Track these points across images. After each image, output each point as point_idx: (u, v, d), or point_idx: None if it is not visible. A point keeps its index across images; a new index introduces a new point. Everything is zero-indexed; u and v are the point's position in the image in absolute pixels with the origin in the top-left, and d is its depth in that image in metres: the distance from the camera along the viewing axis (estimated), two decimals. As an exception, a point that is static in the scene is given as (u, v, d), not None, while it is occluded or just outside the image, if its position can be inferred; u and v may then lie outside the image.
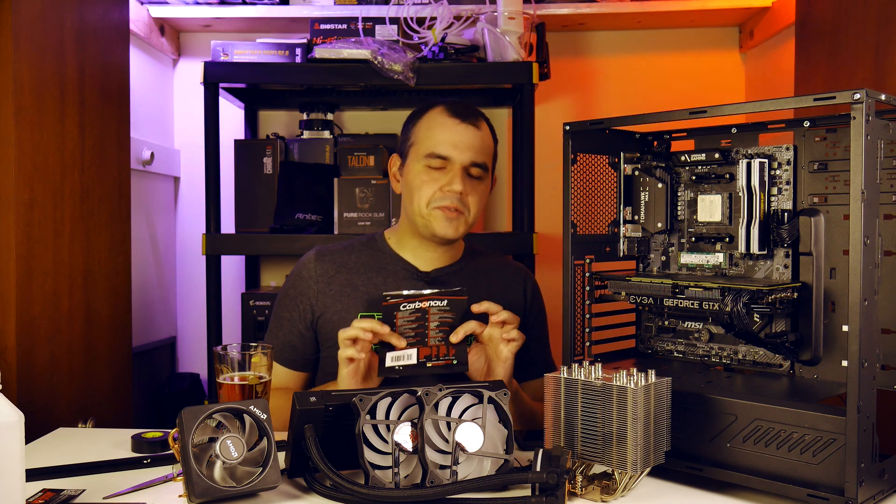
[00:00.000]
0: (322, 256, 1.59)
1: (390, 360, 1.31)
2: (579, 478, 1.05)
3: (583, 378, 1.04)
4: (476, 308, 1.35)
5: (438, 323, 1.34)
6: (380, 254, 1.59)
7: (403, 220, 1.59)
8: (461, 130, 1.50)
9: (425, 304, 1.34)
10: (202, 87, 2.05)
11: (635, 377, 1.00)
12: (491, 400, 1.08)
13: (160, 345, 2.49)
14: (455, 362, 1.33)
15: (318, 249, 1.61)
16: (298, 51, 2.14)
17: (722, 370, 1.26)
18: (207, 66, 2.04)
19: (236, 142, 2.30)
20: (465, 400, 1.08)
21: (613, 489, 1.03)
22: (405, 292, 1.35)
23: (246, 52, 2.14)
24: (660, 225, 1.31)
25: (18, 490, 0.88)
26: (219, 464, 1.00)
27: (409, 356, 1.31)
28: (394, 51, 2.03)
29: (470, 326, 1.34)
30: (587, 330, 1.29)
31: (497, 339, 1.36)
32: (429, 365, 1.32)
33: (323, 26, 2.18)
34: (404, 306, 1.33)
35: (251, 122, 2.56)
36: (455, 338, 1.33)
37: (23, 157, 1.50)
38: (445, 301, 1.34)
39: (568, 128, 1.24)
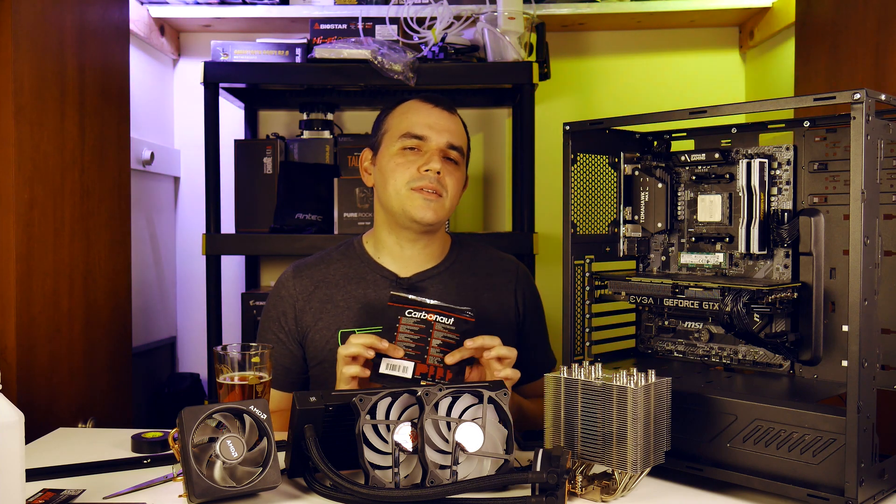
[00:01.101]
0: (300, 272, 1.55)
1: (385, 366, 1.28)
2: (579, 478, 1.05)
3: (583, 378, 1.04)
4: (470, 344, 1.28)
5: (441, 342, 1.29)
6: (357, 261, 1.54)
7: (379, 217, 1.54)
8: (436, 114, 1.49)
9: (431, 318, 1.30)
10: (202, 87, 2.05)
11: (635, 377, 1.00)
12: (491, 400, 1.08)
13: (160, 345, 2.49)
14: None
15: (295, 265, 1.57)
16: (298, 51, 2.14)
17: (722, 370, 1.27)
18: (207, 66, 2.05)
19: (236, 142, 2.31)
20: (465, 400, 1.08)
21: (613, 489, 1.03)
22: (411, 297, 1.31)
23: (246, 52, 2.14)
24: (660, 225, 1.31)
25: (18, 490, 0.89)
26: (219, 464, 1.00)
27: (406, 368, 1.28)
28: (394, 51, 2.03)
29: (466, 353, 1.28)
30: (587, 330, 1.29)
31: (493, 372, 1.29)
32: (422, 384, 1.26)
33: (323, 26, 2.18)
34: (410, 313, 1.30)
35: (251, 122, 2.56)
36: (451, 359, 1.28)
37: (23, 157, 1.50)
38: (452, 319, 1.30)
39: (568, 128, 1.24)
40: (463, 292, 1.51)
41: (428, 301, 1.31)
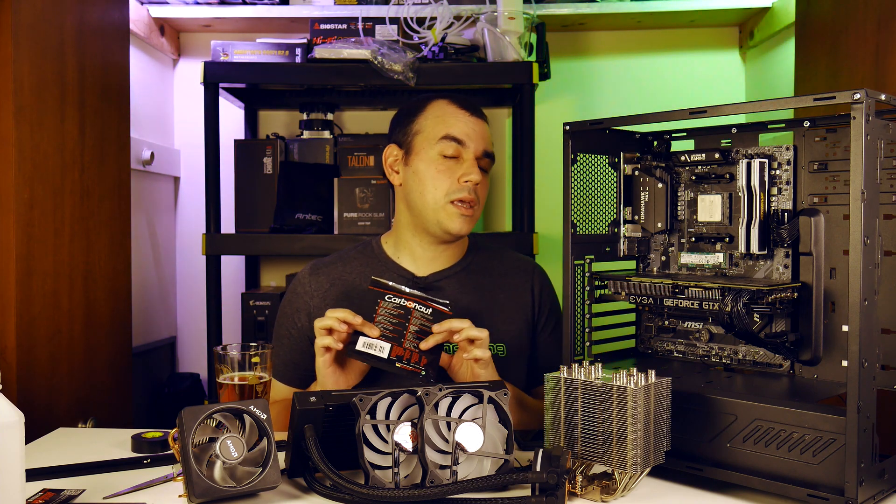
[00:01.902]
0: (317, 270, 1.57)
1: (361, 344, 1.30)
2: (579, 478, 1.05)
3: (583, 378, 1.04)
4: (437, 328, 1.29)
5: (418, 329, 1.31)
6: (375, 261, 1.56)
7: (402, 218, 1.54)
8: (472, 122, 1.50)
9: (410, 305, 1.32)
10: (202, 87, 2.05)
11: (635, 377, 1.00)
12: (491, 400, 1.08)
13: (160, 345, 2.49)
14: (423, 373, 1.30)
15: (313, 264, 1.59)
16: (298, 51, 2.14)
17: (722, 370, 1.27)
18: (207, 66, 2.05)
19: (236, 142, 2.30)
20: (465, 400, 1.08)
21: (613, 489, 1.03)
22: (391, 283, 1.34)
23: (246, 52, 2.14)
24: (660, 225, 1.31)
25: (18, 490, 0.89)
26: (219, 464, 1.00)
27: (382, 348, 1.30)
28: (394, 51, 2.03)
29: (440, 338, 1.30)
30: (587, 330, 1.29)
31: (463, 353, 1.32)
32: (397, 365, 1.29)
33: (323, 26, 2.18)
34: (389, 297, 1.32)
35: (251, 122, 2.56)
36: (424, 345, 1.30)
37: (23, 157, 1.50)
38: (430, 310, 1.32)
39: (568, 128, 1.24)
40: (478, 293, 1.53)
41: (406, 289, 1.33)
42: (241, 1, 2.34)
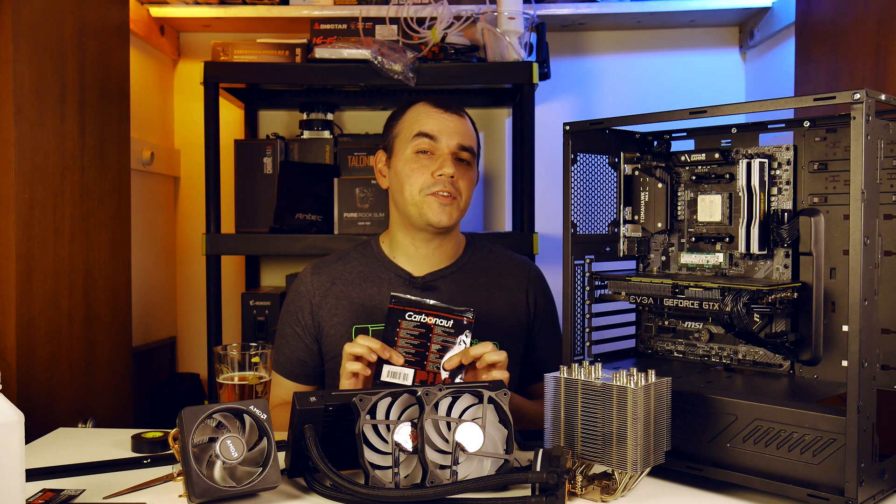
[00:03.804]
0: (318, 269, 1.60)
1: (386, 374, 1.31)
2: (579, 478, 1.05)
3: (583, 378, 1.04)
4: (465, 360, 1.30)
5: (440, 347, 1.32)
6: (373, 260, 1.59)
7: (394, 218, 1.58)
8: (446, 118, 1.53)
9: (431, 321, 1.32)
10: (202, 87, 2.05)
11: (635, 377, 1.00)
12: (491, 400, 1.08)
13: (160, 345, 2.49)
14: None
15: (314, 263, 1.62)
16: (298, 51, 2.14)
17: (722, 370, 1.27)
18: (207, 66, 2.04)
19: (236, 142, 2.30)
20: (465, 400, 1.08)
21: (613, 489, 1.03)
22: (412, 297, 1.34)
23: (246, 52, 2.14)
24: (660, 225, 1.31)
25: (18, 490, 0.89)
26: (219, 464, 1.00)
27: (406, 376, 1.31)
28: (394, 51, 2.03)
29: (466, 360, 1.30)
30: (587, 330, 1.29)
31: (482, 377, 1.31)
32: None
33: (323, 26, 2.18)
34: (410, 316, 1.32)
35: (251, 122, 2.56)
36: (449, 365, 1.30)
37: (23, 157, 1.50)
38: (451, 322, 1.32)
39: (568, 128, 1.24)
40: (474, 292, 1.54)
41: (428, 301, 1.33)
42: (241, 1, 2.34)
